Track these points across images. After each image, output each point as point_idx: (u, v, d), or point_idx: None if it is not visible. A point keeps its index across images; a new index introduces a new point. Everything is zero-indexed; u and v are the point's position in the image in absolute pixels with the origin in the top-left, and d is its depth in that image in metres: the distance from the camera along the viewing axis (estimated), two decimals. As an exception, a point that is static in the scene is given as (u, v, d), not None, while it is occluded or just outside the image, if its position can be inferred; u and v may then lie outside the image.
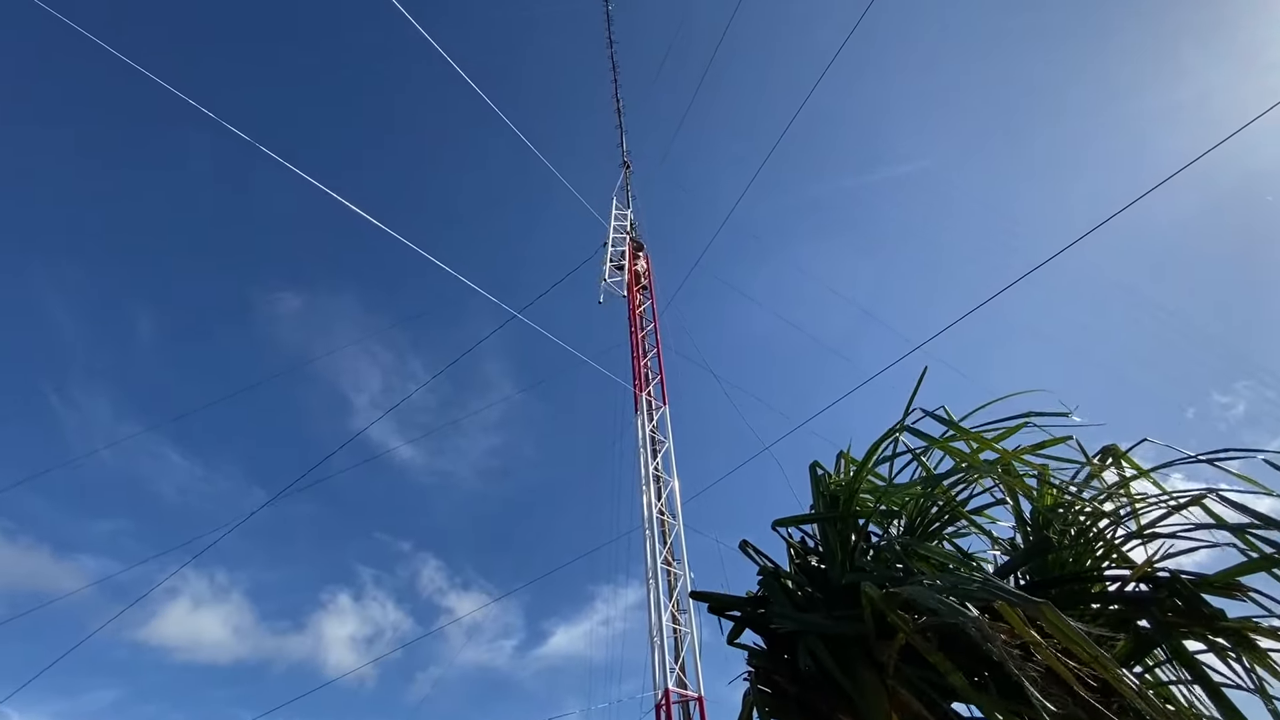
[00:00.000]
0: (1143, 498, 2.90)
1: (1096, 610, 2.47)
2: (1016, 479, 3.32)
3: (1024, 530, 3.26)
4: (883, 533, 3.42)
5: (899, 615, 1.97)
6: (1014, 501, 3.28)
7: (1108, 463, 3.21)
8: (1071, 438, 3.20)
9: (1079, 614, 2.59)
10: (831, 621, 2.65)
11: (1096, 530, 2.94)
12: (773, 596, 3.01)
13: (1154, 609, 2.15)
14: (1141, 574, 2.29)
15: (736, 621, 3.22)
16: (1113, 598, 2.36)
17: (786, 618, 2.86)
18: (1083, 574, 2.62)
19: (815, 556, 3.39)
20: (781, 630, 2.92)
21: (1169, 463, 2.68)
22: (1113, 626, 2.54)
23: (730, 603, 3.23)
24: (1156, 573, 2.28)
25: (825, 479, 3.53)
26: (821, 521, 3.27)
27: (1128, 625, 2.49)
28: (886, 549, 2.68)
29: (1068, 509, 3.10)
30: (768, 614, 3.05)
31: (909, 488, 3.01)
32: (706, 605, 3.26)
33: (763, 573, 3.16)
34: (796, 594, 3.16)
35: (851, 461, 3.56)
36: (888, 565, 2.57)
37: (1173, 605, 2.21)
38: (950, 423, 2.78)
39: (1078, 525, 3.03)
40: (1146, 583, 2.39)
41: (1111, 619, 2.54)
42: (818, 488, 3.49)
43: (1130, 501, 2.94)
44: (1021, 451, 2.82)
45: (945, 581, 1.94)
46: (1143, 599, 2.26)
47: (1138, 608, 2.23)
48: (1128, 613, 2.37)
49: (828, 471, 3.60)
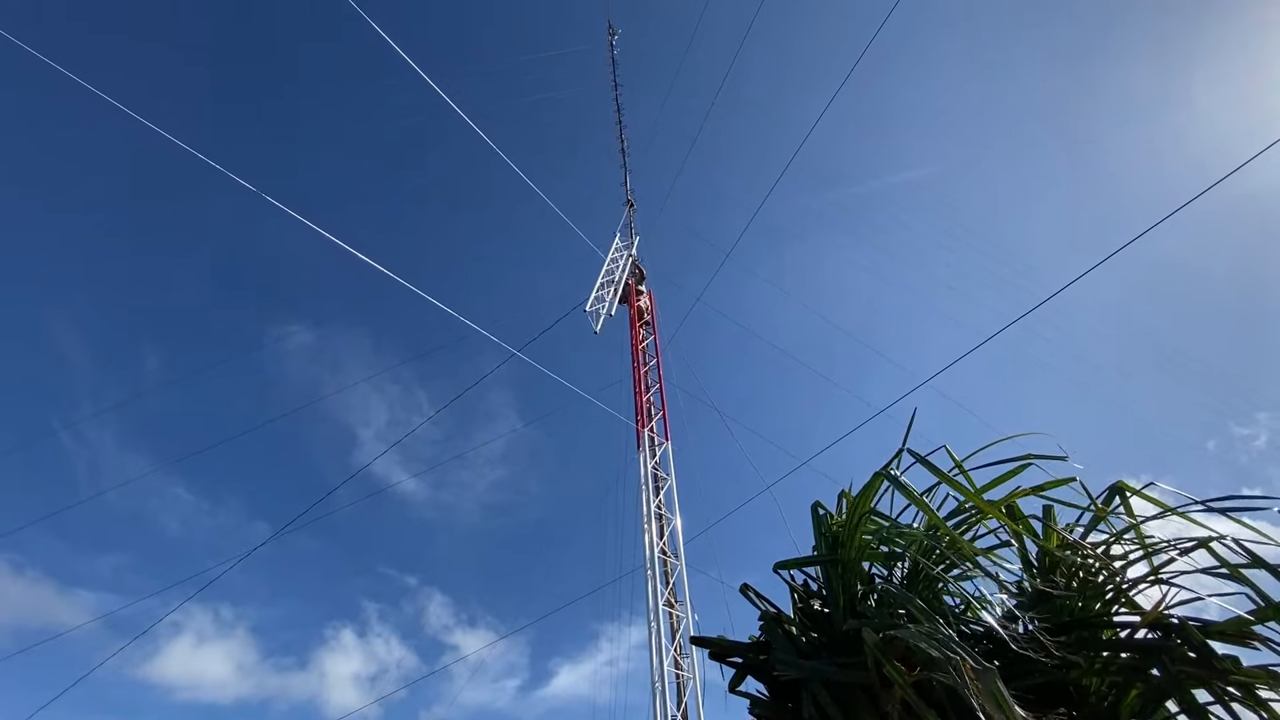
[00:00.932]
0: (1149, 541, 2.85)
1: (1107, 659, 2.41)
2: (1021, 520, 3.28)
3: (1030, 573, 3.20)
4: (886, 574, 3.36)
5: (894, 666, 1.93)
6: (1019, 543, 3.23)
7: (1114, 503, 3.17)
8: (1075, 479, 3.16)
9: (1090, 662, 2.52)
10: (835, 669, 2.58)
11: (1105, 574, 2.88)
12: (775, 642, 2.95)
13: (1165, 658, 2.09)
14: (1151, 620, 2.23)
15: (738, 668, 3.14)
16: (1123, 645, 2.30)
17: (789, 665, 2.80)
18: (1090, 619, 2.56)
19: (818, 600, 3.32)
20: (784, 678, 2.85)
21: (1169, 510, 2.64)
22: (1125, 675, 2.47)
23: (732, 649, 3.15)
24: (1166, 619, 2.22)
25: (827, 519, 3.49)
26: (823, 564, 3.21)
27: (1140, 674, 2.42)
28: (888, 593, 2.63)
29: (1075, 551, 3.05)
30: (770, 660, 2.98)
31: (910, 531, 2.96)
32: (707, 651, 3.19)
33: (764, 617, 3.10)
34: (800, 639, 3.09)
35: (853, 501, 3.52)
36: (890, 610, 2.51)
37: (1183, 654, 2.15)
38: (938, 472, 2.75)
39: (1085, 568, 2.97)
40: (1156, 629, 2.34)
41: (1123, 667, 2.48)
42: (819, 528, 3.44)
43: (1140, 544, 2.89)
44: (1019, 494, 2.77)
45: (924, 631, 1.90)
46: (1153, 647, 2.20)
47: (1148, 656, 2.17)
48: (1139, 661, 2.31)
49: (829, 511, 3.55)
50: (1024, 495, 2.83)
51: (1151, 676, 2.29)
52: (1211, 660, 1.98)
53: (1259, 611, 2.18)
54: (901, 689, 2.00)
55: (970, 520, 3.03)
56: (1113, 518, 3.09)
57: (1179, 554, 2.66)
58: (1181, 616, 2.22)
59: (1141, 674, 2.36)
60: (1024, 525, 3.30)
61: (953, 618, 2.89)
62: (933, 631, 1.88)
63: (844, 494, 3.62)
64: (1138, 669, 2.31)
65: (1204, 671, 2.02)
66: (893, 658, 2.00)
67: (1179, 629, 2.12)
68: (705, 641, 3.19)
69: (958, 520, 3.16)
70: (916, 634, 1.87)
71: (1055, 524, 3.31)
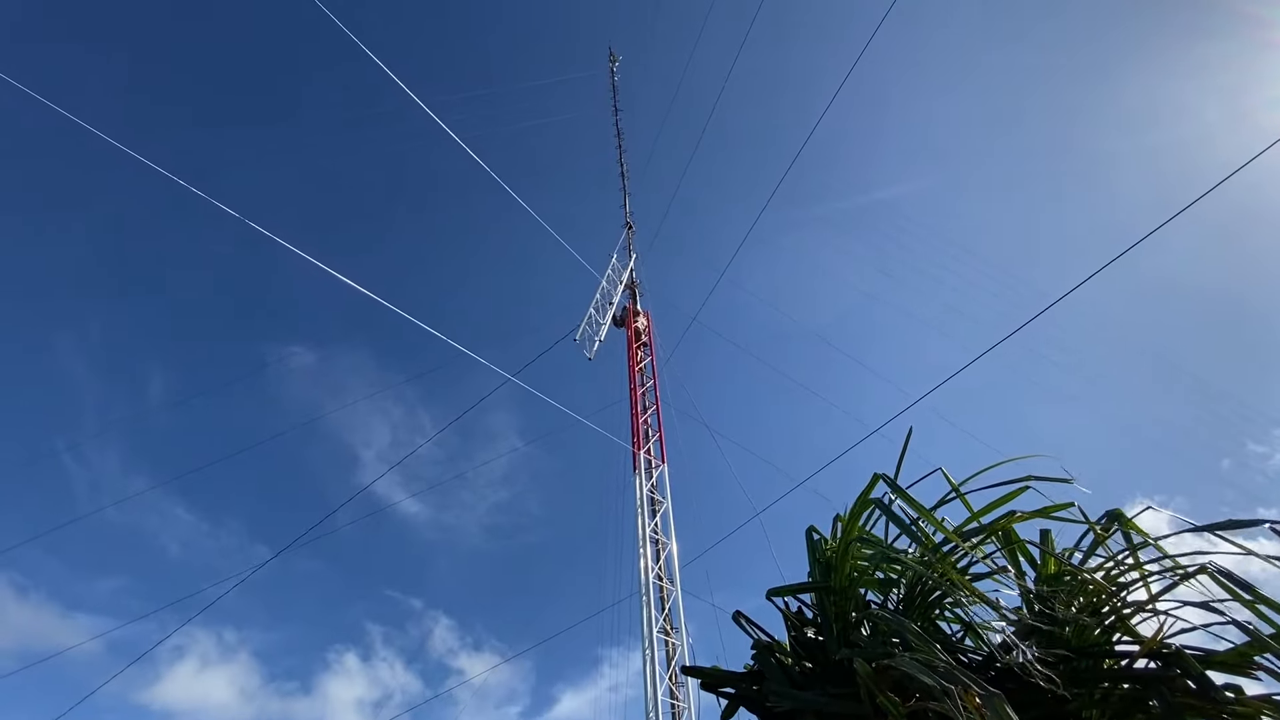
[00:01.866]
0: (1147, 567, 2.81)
1: (1107, 689, 2.36)
2: (1019, 544, 3.23)
3: (1028, 600, 3.15)
4: (882, 601, 3.30)
5: (888, 697, 1.88)
6: (1016, 569, 3.18)
7: (1112, 528, 3.12)
8: (1073, 504, 3.12)
9: (1089, 693, 2.46)
10: (828, 699, 2.52)
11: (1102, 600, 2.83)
12: (768, 672, 2.88)
13: (1163, 688, 2.04)
14: (1149, 649, 2.19)
15: (730, 699, 3.07)
16: (1121, 675, 2.25)
17: (782, 696, 2.73)
18: (1088, 649, 2.51)
19: (813, 628, 3.26)
20: (777, 709, 2.78)
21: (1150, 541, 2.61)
22: (1125, 706, 2.41)
23: (724, 679, 3.08)
24: (1164, 649, 2.18)
25: (821, 545, 3.44)
26: (817, 590, 3.16)
27: (1140, 705, 2.37)
28: (882, 620, 2.57)
29: (1073, 576, 3.00)
30: (763, 691, 2.92)
31: (902, 557, 2.92)
32: (699, 682, 3.12)
33: (757, 646, 3.04)
34: (794, 669, 3.03)
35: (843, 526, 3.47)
36: (885, 638, 2.46)
37: (1183, 685, 2.11)
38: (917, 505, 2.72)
39: (1084, 595, 2.92)
40: (1154, 659, 2.29)
41: (1124, 698, 2.42)
42: (813, 554, 3.39)
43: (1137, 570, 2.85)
44: (1014, 519, 2.73)
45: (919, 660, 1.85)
46: (1152, 677, 2.15)
47: (1147, 687, 2.12)
48: (1138, 691, 2.26)
49: (824, 536, 3.50)
50: (1019, 520, 2.79)
51: (1151, 708, 2.23)
52: (1210, 691, 1.94)
53: (1260, 641, 2.13)
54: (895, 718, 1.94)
55: (966, 546, 2.99)
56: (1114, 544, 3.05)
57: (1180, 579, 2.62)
58: (1179, 646, 2.17)
59: (1141, 705, 2.30)
60: (1021, 550, 3.26)
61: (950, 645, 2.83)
62: (930, 659, 1.83)
63: (839, 518, 3.57)
64: (1137, 700, 2.26)
65: (1203, 703, 1.97)
66: (885, 688, 1.95)
67: (1177, 659, 2.07)
68: (697, 671, 3.13)
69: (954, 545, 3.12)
70: (912, 662, 1.83)
71: (1053, 549, 3.26)
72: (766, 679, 2.93)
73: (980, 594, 2.59)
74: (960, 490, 3.20)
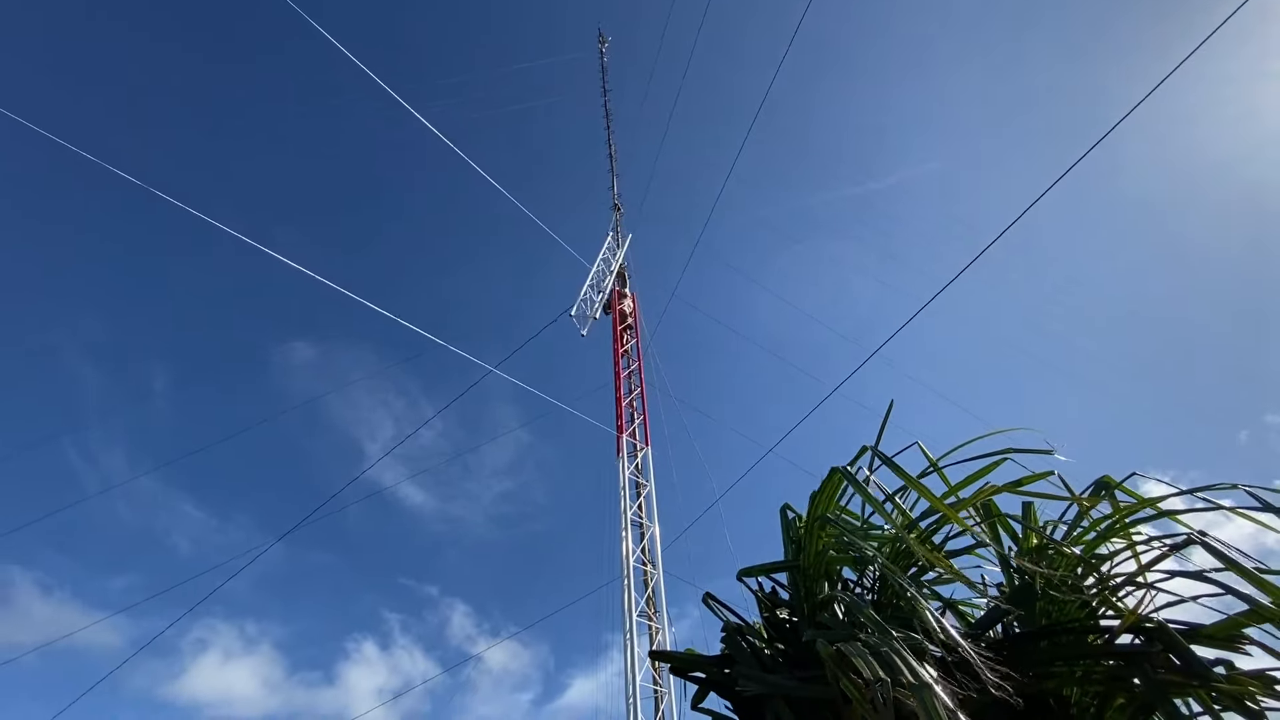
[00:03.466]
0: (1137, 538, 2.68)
1: (1087, 667, 2.23)
2: (1000, 518, 3.09)
3: (1009, 574, 3.02)
4: (858, 579, 3.17)
5: (851, 681, 1.74)
6: (996, 543, 3.05)
7: (1101, 496, 2.99)
8: (1053, 473, 2.98)
9: (1070, 669, 2.34)
10: (796, 684, 2.39)
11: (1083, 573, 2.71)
12: (737, 655, 2.75)
13: (1146, 665, 1.91)
14: (1130, 624, 2.06)
15: (701, 684, 2.94)
16: (1102, 651, 2.12)
17: (751, 680, 2.60)
18: (1068, 624, 2.38)
19: (786, 608, 3.13)
20: (747, 693, 2.66)
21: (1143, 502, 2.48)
22: (1107, 684, 2.29)
23: (695, 663, 2.95)
24: (1146, 623, 2.05)
25: (795, 523, 3.30)
26: (789, 570, 3.02)
27: (1124, 682, 2.24)
28: (843, 602, 2.44)
29: (1056, 550, 2.87)
30: (733, 675, 2.79)
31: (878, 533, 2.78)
32: (669, 666, 2.99)
33: (727, 629, 2.90)
34: (764, 652, 2.90)
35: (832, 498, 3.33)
36: (853, 619, 2.32)
37: (1167, 660, 1.98)
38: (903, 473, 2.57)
39: (1065, 569, 2.80)
40: (1137, 634, 2.16)
41: (1106, 675, 2.30)
42: (787, 533, 3.26)
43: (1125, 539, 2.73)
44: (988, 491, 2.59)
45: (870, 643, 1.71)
46: (1134, 653, 2.02)
47: (1129, 663, 1.99)
48: (1121, 669, 2.13)
49: (799, 514, 3.36)
50: (994, 493, 2.65)
51: (1136, 685, 2.11)
52: (1196, 667, 1.81)
53: (1251, 613, 2.01)
54: (860, 705, 1.81)
55: (938, 521, 2.85)
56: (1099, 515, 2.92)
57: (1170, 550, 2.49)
58: (1163, 619, 2.04)
59: (1126, 683, 2.18)
60: (1003, 524, 3.13)
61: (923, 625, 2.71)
62: (879, 643, 1.70)
63: (814, 495, 3.43)
64: (1120, 677, 2.13)
65: (1189, 679, 1.84)
66: (849, 671, 1.81)
67: (1160, 633, 1.94)
68: (667, 656, 3.00)
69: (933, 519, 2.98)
70: (859, 647, 1.69)
71: (1036, 522, 3.14)
72: (736, 663, 2.80)
73: (954, 570, 2.46)
74: (938, 464, 3.06)
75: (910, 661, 1.58)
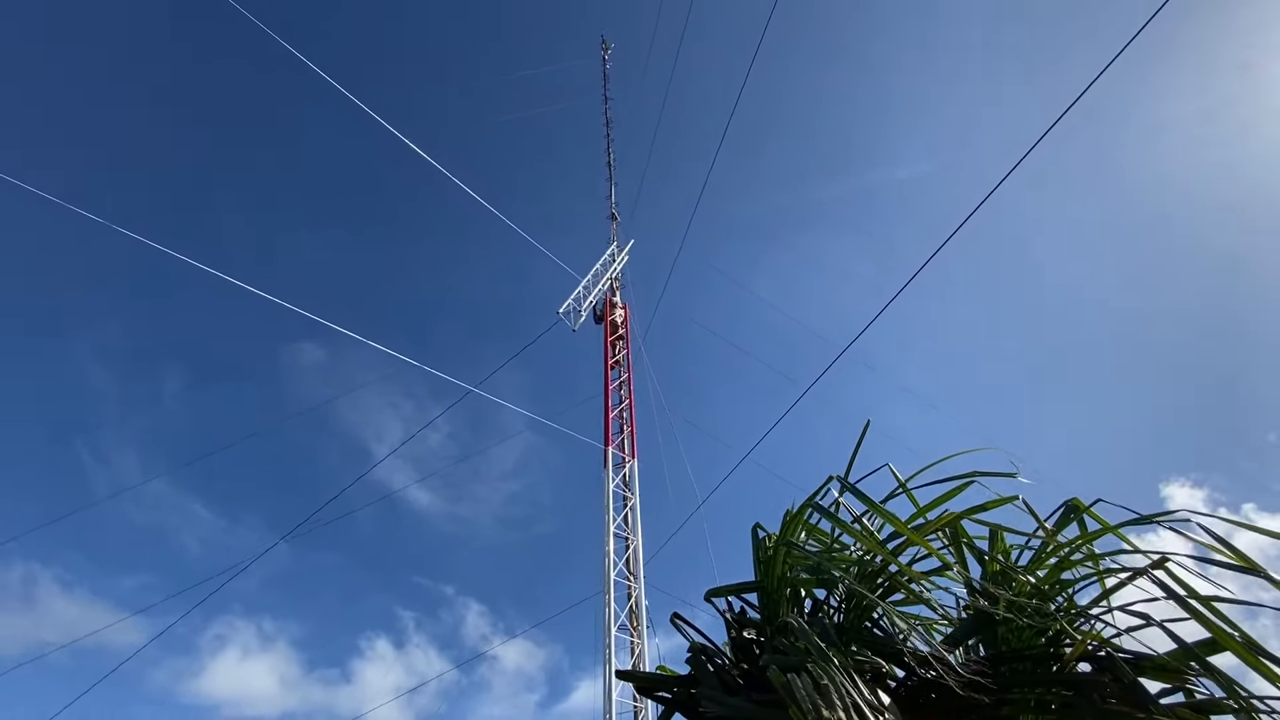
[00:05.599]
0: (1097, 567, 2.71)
1: (1040, 694, 2.25)
2: (967, 541, 3.12)
3: (974, 598, 3.05)
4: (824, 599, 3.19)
5: (799, 708, 1.75)
6: (963, 567, 3.07)
7: (1069, 519, 3.02)
8: (1018, 497, 3.02)
9: (1024, 695, 2.36)
10: (755, 707, 2.40)
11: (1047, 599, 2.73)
12: (701, 676, 2.76)
13: (1094, 693, 1.94)
14: (1081, 653, 2.08)
15: (667, 704, 2.95)
16: (1054, 679, 2.14)
17: (713, 701, 2.61)
18: (1026, 651, 2.40)
19: (754, 629, 3.14)
20: (709, 714, 2.66)
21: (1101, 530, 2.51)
22: (1060, 711, 2.31)
23: (660, 683, 2.96)
24: (1097, 652, 2.07)
25: (765, 542, 3.32)
26: (758, 591, 3.04)
27: (1078, 710, 2.27)
28: (815, 624, 2.45)
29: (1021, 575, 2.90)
30: (697, 696, 2.79)
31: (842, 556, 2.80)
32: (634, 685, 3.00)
33: (692, 649, 2.91)
34: (731, 673, 2.91)
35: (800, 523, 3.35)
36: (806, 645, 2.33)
37: (1117, 689, 2.00)
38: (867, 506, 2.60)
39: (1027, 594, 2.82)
40: (1091, 662, 2.19)
41: (1060, 702, 2.32)
42: (757, 553, 3.27)
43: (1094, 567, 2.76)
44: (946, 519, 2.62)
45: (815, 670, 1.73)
46: (1085, 681, 2.05)
47: (1078, 691, 2.01)
48: (1072, 697, 2.16)
49: (769, 534, 3.38)
50: (956, 519, 2.67)
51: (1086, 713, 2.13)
52: (1141, 697, 1.83)
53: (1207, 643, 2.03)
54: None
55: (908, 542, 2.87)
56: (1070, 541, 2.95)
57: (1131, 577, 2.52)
58: (1113, 649, 2.07)
59: (1078, 710, 2.20)
60: (970, 548, 3.15)
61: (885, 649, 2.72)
62: (822, 673, 1.71)
63: (788, 513, 3.46)
64: (1072, 705, 2.15)
65: (1134, 709, 1.86)
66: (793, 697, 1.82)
67: (1109, 662, 1.97)
68: (631, 675, 3.00)
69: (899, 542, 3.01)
70: (804, 680, 1.70)
71: (1003, 545, 3.16)
72: (701, 683, 2.81)
73: (915, 594, 2.48)
74: (906, 486, 3.10)
75: (853, 695, 1.60)
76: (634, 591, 9.64)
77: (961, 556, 3.09)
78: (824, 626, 2.16)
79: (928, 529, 2.79)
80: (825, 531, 3.24)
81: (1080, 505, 2.99)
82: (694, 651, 2.91)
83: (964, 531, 3.11)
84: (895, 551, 2.95)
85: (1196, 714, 1.81)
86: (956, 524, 3.00)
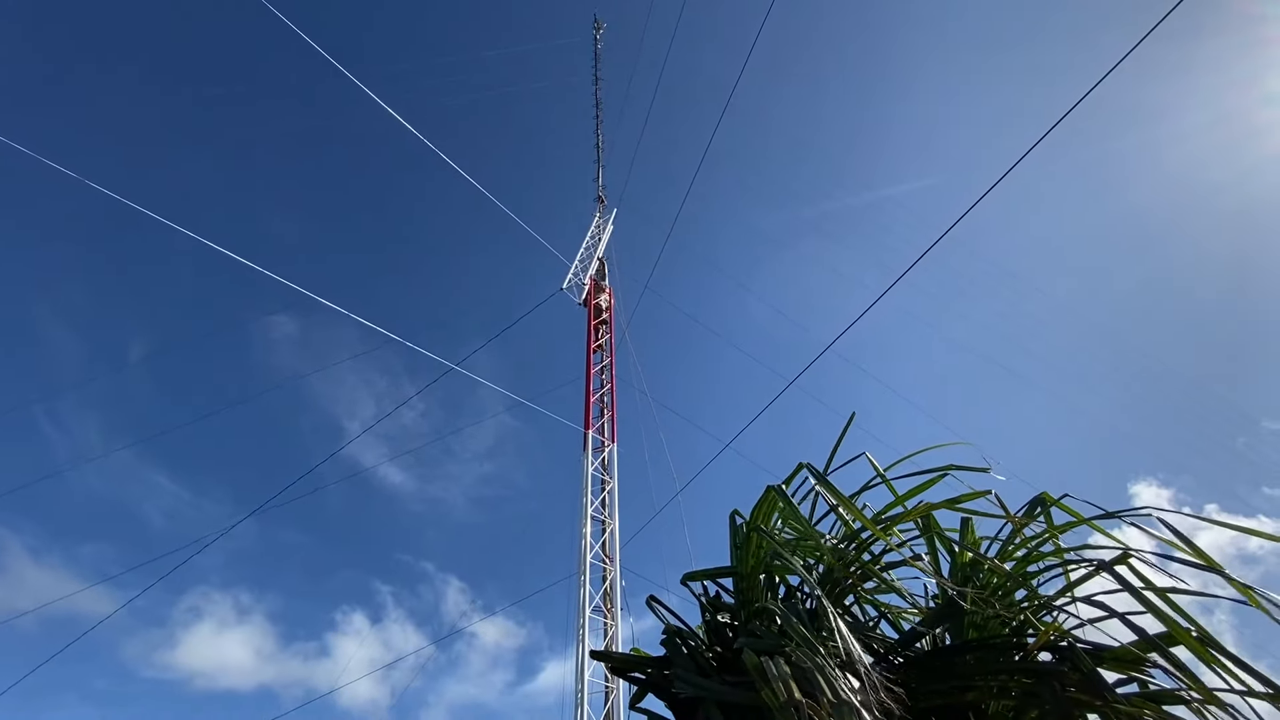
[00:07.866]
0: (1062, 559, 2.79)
1: (1003, 682, 2.32)
2: (938, 533, 3.19)
3: (944, 588, 3.12)
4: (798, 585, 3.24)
5: (772, 690, 1.79)
6: (934, 557, 3.14)
7: (1036, 513, 3.09)
8: (990, 491, 3.09)
9: (987, 684, 2.43)
10: (728, 688, 2.44)
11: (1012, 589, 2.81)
12: (675, 658, 2.80)
13: (1054, 682, 2.00)
14: (1044, 643, 2.15)
15: (640, 685, 2.99)
16: (1017, 668, 2.21)
17: (686, 682, 2.65)
18: (992, 640, 2.47)
19: (728, 613, 3.19)
20: (682, 695, 2.71)
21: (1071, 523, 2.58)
22: (1022, 699, 2.39)
23: (634, 664, 3.00)
24: (1059, 642, 2.14)
25: (743, 528, 3.36)
26: (733, 576, 3.08)
27: (1037, 698, 2.34)
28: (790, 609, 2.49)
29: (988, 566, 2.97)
30: (670, 677, 2.83)
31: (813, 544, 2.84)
32: (608, 666, 3.03)
33: (667, 631, 2.95)
34: (705, 655, 2.95)
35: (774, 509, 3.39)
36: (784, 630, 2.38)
37: (1076, 679, 2.07)
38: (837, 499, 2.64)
39: (995, 585, 2.90)
40: (1053, 651, 2.25)
41: (1022, 690, 2.39)
42: (733, 538, 3.31)
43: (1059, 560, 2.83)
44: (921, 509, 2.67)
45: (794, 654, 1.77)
46: (1045, 671, 2.11)
47: (1039, 680, 2.08)
48: (1034, 685, 2.23)
49: (746, 520, 3.42)
50: (930, 509, 2.73)
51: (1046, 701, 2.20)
52: (1099, 686, 1.90)
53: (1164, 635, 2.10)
54: (781, 715, 1.86)
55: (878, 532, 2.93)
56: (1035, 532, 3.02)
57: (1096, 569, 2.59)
58: (1074, 639, 2.14)
59: (1038, 698, 2.28)
60: (941, 539, 3.22)
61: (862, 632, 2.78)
62: (804, 657, 1.75)
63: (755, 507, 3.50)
64: (1033, 693, 2.22)
65: (1092, 698, 1.93)
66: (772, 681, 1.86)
67: (1070, 652, 2.03)
68: (605, 656, 3.03)
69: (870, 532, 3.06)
70: (780, 664, 1.73)
71: (973, 537, 3.24)
72: (674, 665, 2.85)
73: (888, 581, 2.53)
74: (884, 475, 3.15)
75: (832, 681, 1.63)
76: (609, 574, 9.72)
77: (933, 547, 3.16)
78: (798, 612, 2.20)
79: (902, 519, 2.84)
80: (804, 518, 3.29)
81: (1049, 499, 3.07)
82: (668, 634, 2.95)
83: (936, 523, 3.18)
84: (869, 540, 3.01)
85: (1150, 703, 1.88)
86: (929, 514, 3.07)
